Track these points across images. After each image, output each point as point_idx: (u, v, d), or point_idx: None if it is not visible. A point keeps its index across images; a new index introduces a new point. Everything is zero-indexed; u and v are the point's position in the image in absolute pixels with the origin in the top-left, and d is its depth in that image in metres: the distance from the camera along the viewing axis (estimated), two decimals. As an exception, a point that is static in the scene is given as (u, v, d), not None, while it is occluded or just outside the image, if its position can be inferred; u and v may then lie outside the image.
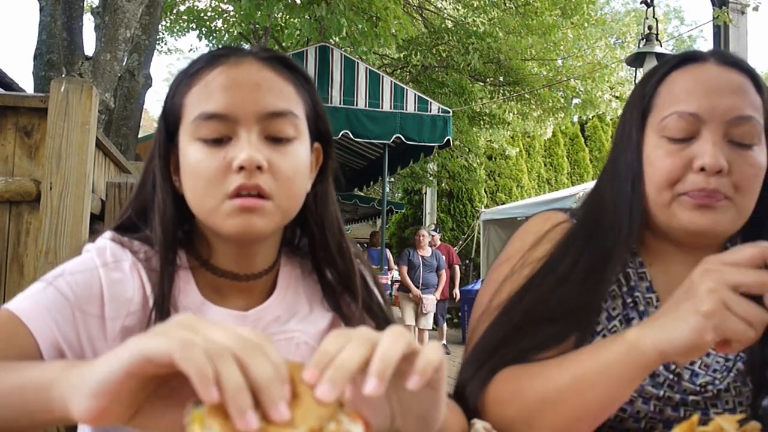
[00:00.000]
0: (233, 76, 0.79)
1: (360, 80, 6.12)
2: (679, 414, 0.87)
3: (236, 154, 0.76)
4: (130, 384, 0.47)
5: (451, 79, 10.00)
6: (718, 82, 0.85)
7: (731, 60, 0.88)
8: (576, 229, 0.93)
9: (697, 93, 0.84)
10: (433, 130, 6.21)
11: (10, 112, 2.17)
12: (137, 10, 4.82)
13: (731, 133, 0.83)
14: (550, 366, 0.78)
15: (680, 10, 44.29)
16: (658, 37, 5.85)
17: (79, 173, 2.11)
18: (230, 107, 0.77)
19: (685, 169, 0.83)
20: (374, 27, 7.43)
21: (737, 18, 5.21)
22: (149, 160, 0.86)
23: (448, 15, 10.96)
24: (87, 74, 4.49)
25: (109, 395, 0.46)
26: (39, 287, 0.75)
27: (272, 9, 7.08)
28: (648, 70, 0.97)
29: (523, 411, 0.77)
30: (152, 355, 0.45)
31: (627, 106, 0.96)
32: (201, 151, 0.77)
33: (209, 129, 0.77)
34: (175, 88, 0.83)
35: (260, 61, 0.82)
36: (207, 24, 11.93)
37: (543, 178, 14.38)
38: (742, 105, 0.83)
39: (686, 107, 0.84)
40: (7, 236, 2.10)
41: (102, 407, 0.47)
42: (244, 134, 0.77)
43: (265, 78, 0.80)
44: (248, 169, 0.75)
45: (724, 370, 0.89)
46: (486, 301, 0.93)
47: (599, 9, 14.54)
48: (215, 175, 0.76)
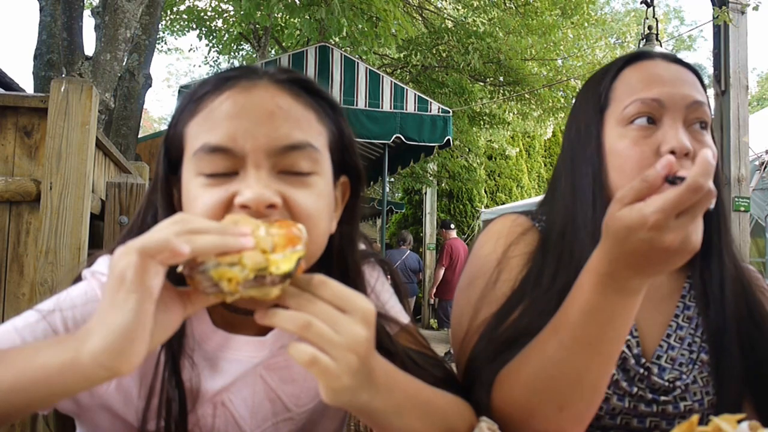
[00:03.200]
0: (242, 103, 0.69)
1: (360, 80, 6.12)
2: (651, 409, 0.89)
3: (240, 189, 0.67)
4: (150, 309, 0.56)
5: (451, 79, 9.99)
6: (672, 73, 0.92)
7: (678, 59, 0.96)
8: (545, 240, 0.94)
9: (655, 82, 0.91)
10: (433, 130, 6.20)
11: (10, 112, 2.17)
12: (137, 10, 4.82)
13: (689, 118, 0.89)
14: (546, 346, 0.77)
15: (680, 10, 44.29)
16: (658, 37, 5.85)
17: (79, 173, 2.11)
18: (236, 139, 0.68)
19: (654, 155, 0.87)
20: (374, 27, 7.43)
21: (737, 18, 5.21)
22: (150, 191, 0.79)
23: (448, 15, 10.95)
24: (87, 74, 4.48)
25: (140, 328, 0.55)
26: (31, 319, 0.72)
27: (272, 9, 7.07)
28: (598, 70, 1.02)
29: (542, 399, 0.76)
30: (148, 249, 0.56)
31: (579, 106, 1.00)
32: (201, 187, 0.69)
33: (212, 164, 0.68)
34: (178, 116, 0.75)
35: (276, 84, 0.72)
36: (207, 24, 11.93)
37: (543, 178, 14.37)
38: (695, 92, 0.91)
39: (648, 94, 0.90)
40: (7, 236, 2.10)
41: (131, 349, 0.55)
42: (252, 170, 0.68)
43: (280, 105, 0.70)
44: (254, 209, 0.65)
45: (689, 363, 0.92)
46: (466, 322, 0.92)
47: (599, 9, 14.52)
48: (212, 214, 0.66)
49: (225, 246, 0.57)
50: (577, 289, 0.73)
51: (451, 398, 0.78)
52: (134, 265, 0.54)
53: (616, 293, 0.70)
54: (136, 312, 0.54)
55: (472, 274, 0.96)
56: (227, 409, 0.78)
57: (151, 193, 0.79)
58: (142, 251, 0.54)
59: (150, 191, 0.80)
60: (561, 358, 0.74)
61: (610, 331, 0.72)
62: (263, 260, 0.59)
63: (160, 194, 0.76)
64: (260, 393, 0.80)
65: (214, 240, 0.57)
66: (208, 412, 0.77)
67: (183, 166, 0.73)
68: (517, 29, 9.55)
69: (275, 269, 0.59)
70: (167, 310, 0.61)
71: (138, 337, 0.55)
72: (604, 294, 0.71)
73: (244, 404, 0.79)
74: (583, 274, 0.73)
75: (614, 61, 0.99)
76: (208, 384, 0.77)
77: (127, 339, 0.54)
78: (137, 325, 0.55)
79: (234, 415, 0.78)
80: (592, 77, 1.00)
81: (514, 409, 0.77)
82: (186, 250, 0.55)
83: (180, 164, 0.74)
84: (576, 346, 0.73)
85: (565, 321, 0.74)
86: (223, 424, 0.78)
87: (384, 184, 7.28)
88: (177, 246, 0.54)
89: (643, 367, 0.90)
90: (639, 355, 0.91)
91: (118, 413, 0.75)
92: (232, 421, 0.78)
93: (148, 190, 0.81)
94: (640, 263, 0.67)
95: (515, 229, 0.97)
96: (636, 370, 0.90)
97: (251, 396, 0.79)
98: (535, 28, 9.59)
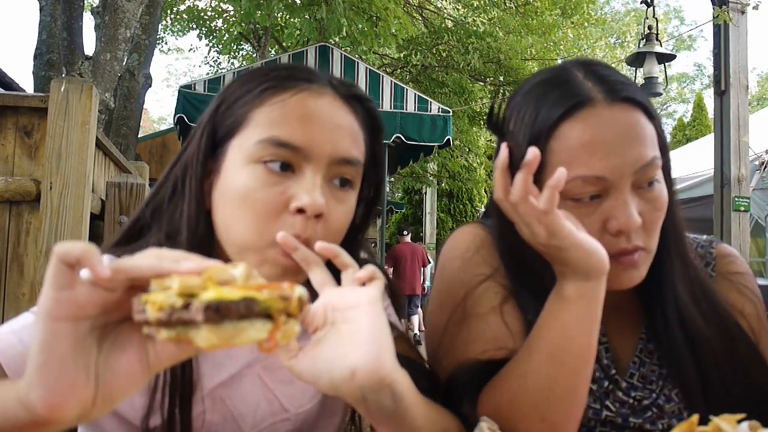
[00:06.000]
0: (314, 108, 0.72)
1: (360, 80, 6.11)
2: (628, 424, 0.88)
3: (297, 194, 0.69)
4: (61, 330, 0.46)
5: (451, 78, 10.00)
6: (616, 131, 0.77)
7: (621, 95, 0.79)
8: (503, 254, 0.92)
9: (598, 153, 0.76)
10: (433, 129, 6.20)
11: (10, 111, 2.17)
12: (137, 9, 4.82)
13: (638, 181, 0.79)
14: (523, 360, 0.78)
15: (680, 10, 44.27)
16: (658, 36, 5.85)
17: (79, 173, 2.11)
18: (307, 141, 0.70)
19: (601, 232, 0.79)
20: (374, 27, 7.43)
21: (737, 17, 5.21)
22: (173, 166, 0.78)
23: (448, 15, 10.95)
24: (87, 74, 4.49)
25: (50, 355, 0.46)
26: (28, 321, 0.71)
27: (272, 9, 7.08)
28: (519, 117, 0.83)
29: (527, 412, 0.77)
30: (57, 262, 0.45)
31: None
32: (257, 178, 0.70)
33: (276, 154, 0.70)
34: (234, 99, 0.75)
35: (341, 99, 0.76)
36: (207, 24, 11.94)
37: (543, 177, 14.37)
38: (644, 150, 0.78)
39: (589, 170, 0.77)
40: (7, 236, 2.10)
41: (53, 380, 0.46)
42: (310, 173, 0.70)
43: (345, 120, 0.74)
44: (308, 215, 0.69)
45: (659, 379, 0.89)
46: (438, 340, 0.90)
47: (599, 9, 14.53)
48: (268, 211, 0.69)
49: (159, 267, 0.47)
50: (548, 317, 0.77)
51: (444, 411, 0.81)
52: (49, 268, 0.46)
53: (558, 301, 0.75)
54: (42, 331, 0.46)
55: (441, 294, 0.93)
56: (225, 405, 0.78)
57: (179, 168, 0.76)
58: (56, 252, 0.46)
59: (173, 165, 0.77)
60: (532, 370, 0.76)
61: (565, 341, 0.74)
62: (198, 284, 0.45)
63: (196, 169, 0.74)
64: (258, 392, 0.80)
65: (148, 260, 0.48)
66: (207, 406, 0.77)
67: (229, 147, 0.73)
68: (517, 29, 9.56)
69: (206, 296, 0.44)
70: (123, 350, 0.50)
71: (49, 365, 0.46)
72: (549, 302, 0.76)
73: (242, 402, 0.79)
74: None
75: (546, 110, 0.80)
76: (207, 378, 0.77)
77: (39, 367, 0.46)
78: (43, 346, 0.46)
79: (232, 413, 0.79)
80: (521, 124, 0.82)
81: (500, 420, 0.78)
82: (101, 260, 0.46)
83: (222, 145, 0.74)
84: (540, 356, 0.75)
85: (532, 333, 0.78)
86: (221, 421, 0.78)
87: (384, 184, 7.29)
88: (93, 254, 0.45)
89: (610, 381, 0.89)
90: (609, 366, 0.90)
91: (116, 412, 0.75)
92: (231, 417, 0.79)
93: (171, 164, 0.78)
94: (553, 263, 0.74)
95: (477, 244, 0.94)
96: (602, 384, 0.89)
97: (249, 394, 0.80)
98: (535, 27, 9.59)
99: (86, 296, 0.47)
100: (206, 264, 0.48)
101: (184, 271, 0.46)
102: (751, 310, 0.94)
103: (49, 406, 0.46)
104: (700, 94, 19.25)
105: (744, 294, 0.95)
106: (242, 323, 0.45)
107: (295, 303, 0.48)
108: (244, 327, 0.45)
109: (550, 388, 0.75)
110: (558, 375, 0.75)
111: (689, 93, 31.69)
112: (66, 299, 0.46)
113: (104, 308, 0.48)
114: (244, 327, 0.45)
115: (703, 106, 16.02)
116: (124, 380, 0.49)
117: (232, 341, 0.45)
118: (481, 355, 0.84)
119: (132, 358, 0.50)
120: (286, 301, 0.48)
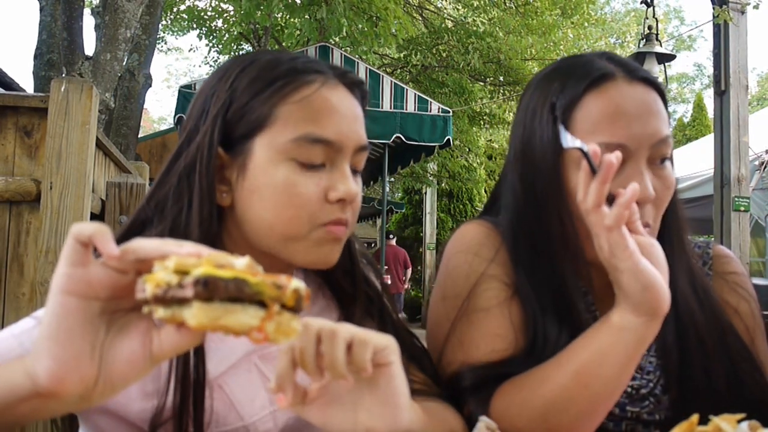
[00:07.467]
0: (336, 101, 0.77)
1: (360, 80, 6.12)
2: (625, 414, 0.88)
3: (335, 185, 0.75)
4: (72, 305, 0.49)
5: (451, 78, 9.99)
6: (637, 102, 0.83)
7: (639, 75, 0.85)
8: (515, 253, 0.91)
9: (620, 122, 0.81)
10: (434, 129, 6.20)
11: (10, 111, 2.17)
12: (137, 9, 4.82)
13: (653, 155, 0.83)
14: (549, 368, 0.78)
15: (680, 10, 44.28)
16: (658, 36, 5.85)
17: (79, 173, 2.11)
18: (338, 134, 0.76)
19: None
20: (374, 27, 7.43)
21: (737, 17, 5.21)
22: (173, 161, 0.77)
23: (448, 15, 10.95)
24: (87, 74, 4.49)
25: (59, 326, 0.48)
26: (28, 325, 0.72)
27: (272, 9, 7.08)
28: (546, 88, 0.89)
29: (534, 419, 0.77)
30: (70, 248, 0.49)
31: (531, 130, 0.88)
32: (296, 174, 0.74)
33: (314, 153, 0.75)
34: (253, 93, 0.76)
35: (346, 87, 0.80)
36: (207, 23, 11.93)
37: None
38: (662, 125, 0.83)
39: (611, 137, 0.81)
40: (7, 236, 2.10)
41: (59, 350, 0.48)
42: (345, 165, 0.77)
43: (357, 109, 0.80)
44: (348, 201, 0.76)
45: (656, 369, 0.90)
46: (443, 335, 0.90)
47: (599, 9, 14.54)
48: (312, 203, 0.74)
49: (163, 248, 0.50)
50: (592, 338, 0.76)
51: (448, 411, 0.82)
52: (64, 247, 0.51)
53: (603, 323, 0.74)
54: (53, 303, 0.49)
55: (445, 288, 0.94)
56: (225, 393, 0.78)
57: (179, 162, 0.76)
58: (72, 232, 0.50)
59: (173, 159, 0.77)
60: (554, 379, 0.76)
61: (595, 367, 0.73)
62: (195, 263, 0.46)
63: (205, 163, 0.74)
64: (256, 381, 0.81)
65: (154, 242, 0.51)
66: (206, 393, 0.77)
67: (256, 143, 0.75)
68: (517, 29, 9.56)
69: (197, 271, 0.45)
70: (128, 336, 0.52)
71: (57, 336, 0.49)
72: (598, 321, 0.76)
73: (240, 390, 0.80)
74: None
75: (570, 83, 0.86)
76: (206, 365, 0.77)
77: (47, 338, 0.49)
78: (53, 318, 0.49)
79: (232, 401, 0.79)
80: (546, 93, 0.88)
81: (506, 421, 0.78)
82: (111, 240, 0.49)
83: (243, 140, 0.75)
84: (566, 369, 0.76)
85: (569, 345, 0.78)
86: (222, 408, 0.78)
87: (384, 184, 7.28)
88: (104, 234, 0.49)
89: None
90: None
91: (118, 414, 0.75)
92: (230, 405, 0.79)
93: (171, 158, 0.78)
94: (613, 283, 0.73)
95: (482, 240, 0.94)
96: None
97: (247, 383, 0.80)
98: (535, 28, 9.59)
99: (97, 276, 0.50)
100: (209, 250, 0.50)
101: (184, 253, 0.49)
102: (746, 309, 0.96)
103: (53, 376, 0.48)
104: (700, 94, 19.27)
105: (739, 293, 0.97)
106: (234, 306, 0.45)
107: (289, 294, 0.48)
108: (234, 309, 0.45)
109: (565, 404, 0.75)
110: (577, 396, 0.74)
111: (689, 93, 31.70)
112: (79, 276, 0.49)
113: (114, 292, 0.51)
114: (235, 309, 0.45)
115: (703, 106, 16.03)
116: (126, 365, 0.51)
117: (220, 321, 0.45)
118: (487, 356, 0.85)
119: (136, 344, 0.52)
120: (281, 290, 0.47)
